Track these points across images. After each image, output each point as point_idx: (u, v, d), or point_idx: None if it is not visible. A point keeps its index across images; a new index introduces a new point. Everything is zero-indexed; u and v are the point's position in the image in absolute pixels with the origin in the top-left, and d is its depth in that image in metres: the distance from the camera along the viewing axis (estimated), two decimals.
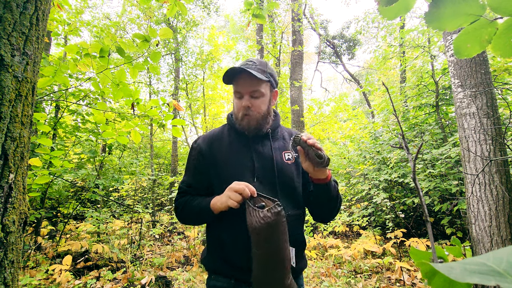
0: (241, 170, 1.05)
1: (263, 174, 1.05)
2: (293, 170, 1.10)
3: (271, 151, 1.09)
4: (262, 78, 1.01)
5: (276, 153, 1.10)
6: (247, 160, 1.07)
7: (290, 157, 1.12)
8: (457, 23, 0.40)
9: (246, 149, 1.09)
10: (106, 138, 2.98)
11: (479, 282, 0.18)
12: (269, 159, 1.07)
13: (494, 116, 2.29)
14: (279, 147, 1.13)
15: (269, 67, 1.09)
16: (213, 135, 1.16)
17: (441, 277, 0.28)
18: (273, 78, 1.10)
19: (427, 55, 5.03)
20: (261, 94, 1.07)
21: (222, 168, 1.07)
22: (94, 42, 1.75)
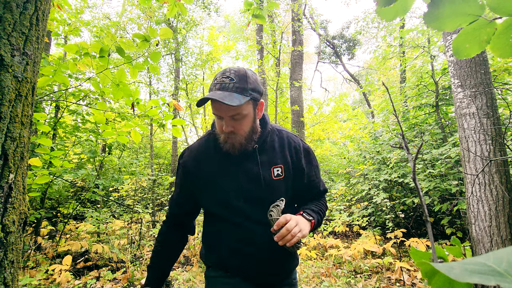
0: (228, 192, 1.02)
1: (250, 195, 1.02)
2: (282, 187, 1.06)
3: (258, 169, 1.03)
4: (241, 103, 0.89)
5: (264, 170, 1.03)
6: (234, 180, 1.02)
7: (280, 172, 1.05)
8: (456, 23, 0.40)
9: (233, 167, 1.03)
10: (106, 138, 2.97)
11: (479, 282, 0.18)
12: (256, 178, 1.02)
13: (494, 116, 2.29)
14: (268, 161, 1.05)
15: (250, 80, 0.95)
16: (200, 150, 1.09)
17: (441, 277, 0.28)
18: (257, 91, 0.97)
19: (427, 55, 5.03)
20: (243, 116, 0.96)
21: (209, 190, 1.04)
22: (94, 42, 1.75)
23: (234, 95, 0.90)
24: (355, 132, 7.20)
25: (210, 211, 1.11)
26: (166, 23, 9.12)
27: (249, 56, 10.04)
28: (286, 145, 1.10)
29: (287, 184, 1.07)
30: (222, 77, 0.93)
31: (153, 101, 2.18)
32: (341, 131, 9.67)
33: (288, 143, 1.11)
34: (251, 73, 0.97)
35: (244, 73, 0.94)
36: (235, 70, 0.94)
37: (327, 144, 11.78)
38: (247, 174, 1.03)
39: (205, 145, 1.10)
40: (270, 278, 1.07)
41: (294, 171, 1.09)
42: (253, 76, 0.97)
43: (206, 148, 1.09)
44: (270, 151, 1.07)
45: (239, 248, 1.03)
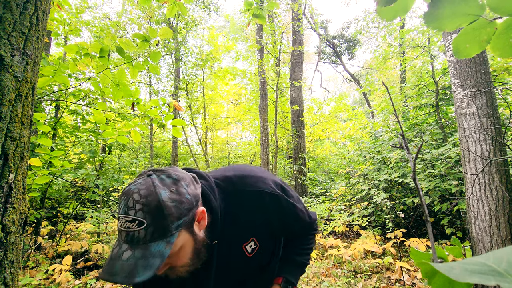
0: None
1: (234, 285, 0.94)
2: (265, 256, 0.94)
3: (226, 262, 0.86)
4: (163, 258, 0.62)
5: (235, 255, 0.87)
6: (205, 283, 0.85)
7: (254, 245, 0.88)
8: (456, 23, 0.40)
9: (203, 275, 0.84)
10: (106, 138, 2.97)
11: (479, 282, 0.18)
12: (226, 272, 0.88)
13: (494, 116, 2.29)
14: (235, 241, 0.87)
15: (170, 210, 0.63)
16: None
17: (441, 277, 0.28)
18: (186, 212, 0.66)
19: (427, 55, 5.03)
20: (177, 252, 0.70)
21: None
22: (94, 42, 1.75)
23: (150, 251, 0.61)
24: (355, 132, 7.20)
25: None
26: (166, 23, 9.12)
27: (249, 56, 10.05)
28: (249, 211, 0.86)
29: (267, 248, 0.93)
30: (126, 220, 0.61)
31: (153, 101, 2.18)
32: (341, 131, 9.68)
33: (250, 209, 0.85)
34: (167, 195, 0.64)
35: (157, 203, 0.62)
36: (142, 204, 0.61)
37: (327, 144, 11.79)
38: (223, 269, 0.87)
39: None
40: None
41: (270, 235, 0.92)
42: (172, 197, 0.64)
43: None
44: (232, 231, 0.85)
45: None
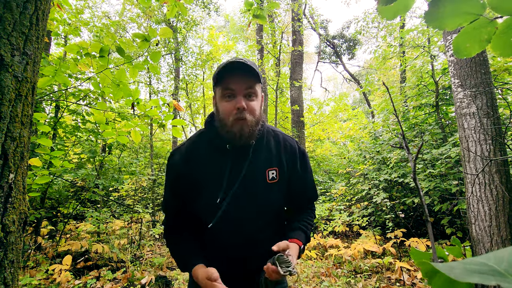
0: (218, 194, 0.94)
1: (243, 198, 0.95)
2: (276, 191, 0.99)
3: (252, 170, 0.96)
4: (259, 76, 0.90)
5: (258, 172, 0.97)
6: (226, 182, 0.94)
7: (275, 175, 0.99)
8: (456, 22, 0.40)
9: (226, 167, 0.95)
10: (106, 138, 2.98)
11: (479, 281, 0.18)
12: (249, 180, 0.95)
13: (494, 116, 2.29)
14: (263, 163, 0.98)
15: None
16: (190, 148, 1.01)
17: (442, 277, 0.28)
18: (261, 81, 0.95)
19: (427, 55, 5.03)
20: (256, 96, 0.92)
21: (198, 191, 0.97)
22: (94, 42, 1.75)
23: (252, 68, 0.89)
24: (355, 132, 7.20)
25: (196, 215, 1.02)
26: (166, 23, 9.12)
27: (249, 56, 10.05)
28: (282, 147, 1.04)
29: (281, 189, 1.01)
30: (234, 58, 0.90)
31: (153, 101, 2.18)
32: (341, 131, 9.67)
33: (284, 145, 1.05)
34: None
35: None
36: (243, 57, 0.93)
37: (327, 144, 11.79)
38: (241, 176, 0.95)
39: (196, 144, 1.02)
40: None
41: (289, 175, 1.03)
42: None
43: (197, 147, 1.01)
44: (265, 151, 1.01)
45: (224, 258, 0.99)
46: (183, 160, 0.99)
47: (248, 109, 0.90)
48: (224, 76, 0.90)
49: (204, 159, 0.98)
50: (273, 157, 1.00)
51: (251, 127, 0.91)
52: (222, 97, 0.92)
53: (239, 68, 0.88)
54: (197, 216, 1.01)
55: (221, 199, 0.93)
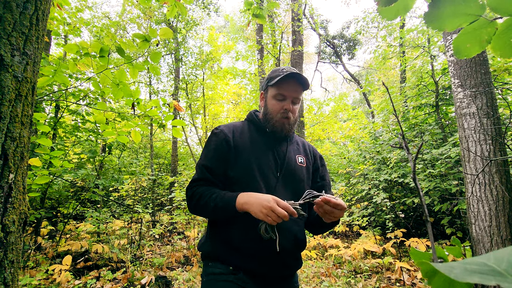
0: (265, 166, 1.08)
1: (277, 172, 1.10)
2: (304, 173, 1.16)
3: (289, 153, 1.16)
4: (308, 87, 1.12)
5: (290, 154, 1.16)
6: (270, 157, 1.11)
7: (302, 161, 1.19)
8: (456, 23, 0.40)
9: (267, 146, 1.13)
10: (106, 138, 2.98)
11: (479, 282, 0.18)
12: (286, 159, 1.13)
13: (494, 116, 2.29)
14: (293, 150, 1.19)
15: None
16: (235, 126, 1.18)
17: (441, 277, 0.28)
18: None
19: (427, 55, 5.03)
20: (299, 102, 1.15)
21: (245, 160, 1.07)
22: (94, 42, 1.75)
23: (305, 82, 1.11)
24: (355, 132, 7.20)
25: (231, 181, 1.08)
26: (166, 23, 9.12)
27: (249, 56, 10.04)
28: (306, 146, 1.27)
29: (308, 173, 1.18)
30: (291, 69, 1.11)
31: (154, 101, 2.18)
32: (341, 131, 9.67)
33: (308, 146, 1.28)
34: None
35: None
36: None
37: (327, 144, 11.78)
38: (279, 155, 1.13)
39: (240, 125, 1.20)
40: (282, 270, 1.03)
41: (312, 168, 1.22)
42: None
43: (241, 126, 1.18)
44: (294, 143, 1.23)
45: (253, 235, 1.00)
46: (229, 130, 1.14)
47: (292, 111, 1.12)
48: (283, 81, 1.10)
49: (248, 136, 1.14)
50: (300, 149, 1.23)
51: (291, 125, 1.14)
52: (274, 97, 1.12)
53: (294, 77, 1.09)
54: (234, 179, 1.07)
55: (277, 175, 1.09)
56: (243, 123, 1.21)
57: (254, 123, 1.19)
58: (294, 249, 1.07)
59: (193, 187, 1.08)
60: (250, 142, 1.12)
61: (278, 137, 1.16)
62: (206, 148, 1.14)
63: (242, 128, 1.18)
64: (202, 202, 1.02)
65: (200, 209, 1.04)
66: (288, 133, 1.15)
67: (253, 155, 1.09)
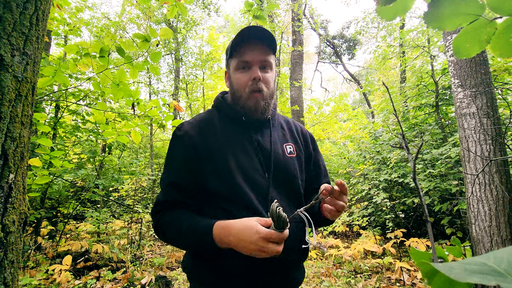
0: (250, 168, 0.85)
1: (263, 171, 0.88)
2: (296, 166, 0.94)
3: (274, 143, 0.92)
4: (275, 45, 0.88)
5: (276, 145, 0.93)
6: (253, 154, 0.88)
7: (292, 150, 0.96)
8: (456, 23, 0.40)
9: (246, 140, 0.89)
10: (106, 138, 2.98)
11: (479, 282, 0.18)
12: (273, 153, 0.90)
13: (494, 116, 2.29)
14: (279, 138, 0.96)
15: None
16: (201, 121, 0.93)
17: (441, 277, 0.28)
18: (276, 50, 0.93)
19: (427, 55, 5.03)
20: (271, 67, 0.90)
21: (224, 167, 0.84)
22: (94, 42, 1.75)
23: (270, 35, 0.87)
24: (355, 132, 7.20)
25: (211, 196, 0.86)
26: (166, 23, 9.12)
27: None
28: (293, 127, 1.04)
29: (300, 164, 0.96)
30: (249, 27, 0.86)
31: (153, 101, 2.18)
32: (341, 131, 9.67)
33: (294, 126, 1.05)
34: None
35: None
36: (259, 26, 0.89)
37: (327, 144, 11.78)
38: (262, 148, 0.89)
39: (207, 116, 0.95)
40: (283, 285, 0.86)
41: (304, 155, 0.99)
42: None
43: (210, 120, 0.93)
44: (279, 129, 0.99)
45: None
46: (196, 130, 0.90)
47: (263, 80, 0.87)
48: (240, 46, 0.87)
49: (220, 131, 0.90)
50: (287, 134, 0.99)
51: (266, 100, 0.88)
52: (236, 69, 0.89)
53: (254, 36, 0.86)
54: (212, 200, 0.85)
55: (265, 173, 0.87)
56: (211, 113, 0.95)
57: (224, 111, 0.94)
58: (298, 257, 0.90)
59: (158, 212, 0.86)
60: (225, 139, 0.88)
61: (256, 123, 0.91)
62: (169, 157, 0.90)
63: (210, 121, 0.92)
64: (170, 235, 0.82)
65: (171, 243, 0.85)
66: (265, 111, 0.89)
67: (233, 157, 0.85)
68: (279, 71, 9.23)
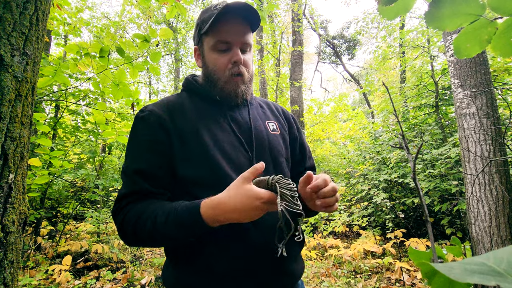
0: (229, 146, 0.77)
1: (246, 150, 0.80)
2: (282, 144, 0.87)
3: (254, 120, 0.85)
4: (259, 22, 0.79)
5: (257, 122, 0.85)
6: (231, 131, 0.80)
7: (275, 128, 0.88)
8: (457, 23, 0.40)
9: (223, 119, 0.81)
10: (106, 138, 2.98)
11: (479, 282, 0.18)
12: (253, 129, 0.82)
13: (494, 116, 2.29)
14: (259, 116, 0.88)
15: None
16: (169, 100, 0.83)
17: (441, 277, 0.28)
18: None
19: (426, 55, 5.03)
20: (250, 48, 0.82)
21: (200, 147, 0.74)
22: (94, 42, 1.75)
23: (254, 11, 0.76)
24: (355, 132, 7.20)
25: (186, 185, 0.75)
26: (166, 23, 9.13)
27: None
28: (273, 107, 0.97)
29: (285, 142, 0.89)
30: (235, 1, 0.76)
31: (153, 101, 2.18)
32: (341, 131, 9.67)
33: (274, 106, 0.98)
34: None
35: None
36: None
37: (327, 144, 11.78)
38: (240, 126, 0.82)
39: (176, 99, 0.84)
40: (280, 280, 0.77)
41: (288, 136, 0.93)
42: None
43: (178, 101, 0.83)
44: (258, 107, 0.92)
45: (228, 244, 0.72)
46: (163, 109, 0.79)
47: (244, 63, 0.80)
48: (219, 22, 0.75)
49: (191, 110, 0.81)
50: (267, 112, 0.93)
51: (246, 84, 0.82)
52: (213, 49, 0.79)
53: (236, 12, 0.75)
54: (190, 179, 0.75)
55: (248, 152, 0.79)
56: (181, 96, 0.85)
57: (196, 92, 0.85)
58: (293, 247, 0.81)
59: (121, 209, 0.71)
60: (198, 118, 0.78)
61: (233, 103, 0.84)
62: (131, 143, 0.77)
63: (180, 102, 0.82)
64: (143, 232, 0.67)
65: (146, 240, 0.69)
66: (245, 95, 0.83)
67: (209, 136, 0.76)
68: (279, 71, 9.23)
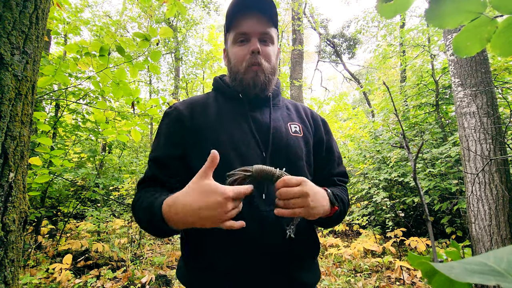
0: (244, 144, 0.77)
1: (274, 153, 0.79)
2: (302, 147, 0.83)
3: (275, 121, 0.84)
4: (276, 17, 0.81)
5: (278, 123, 0.83)
6: (248, 130, 0.80)
7: (298, 130, 0.85)
8: (457, 21, 0.40)
9: (242, 117, 0.82)
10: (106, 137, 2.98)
11: (479, 281, 0.18)
12: (272, 130, 0.81)
13: (494, 115, 2.29)
14: (282, 117, 0.86)
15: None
16: (194, 100, 0.87)
17: (441, 276, 0.28)
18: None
19: (427, 54, 5.02)
20: (272, 41, 0.82)
21: (213, 142, 0.76)
22: (94, 41, 1.75)
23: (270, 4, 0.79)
24: (355, 131, 7.20)
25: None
26: (166, 22, 9.11)
27: None
28: (301, 109, 0.94)
29: (307, 145, 0.85)
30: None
31: (153, 100, 2.18)
32: (341, 130, 9.66)
33: (303, 108, 0.95)
34: None
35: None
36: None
37: None
38: (260, 125, 0.81)
39: (203, 97, 0.89)
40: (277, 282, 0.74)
41: (313, 139, 0.89)
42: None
43: (204, 99, 0.87)
44: (283, 108, 0.90)
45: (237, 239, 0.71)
46: (186, 106, 0.84)
47: (263, 54, 0.79)
48: (236, 17, 0.80)
49: (212, 108, 0.84)
50: (293, 115, 0.90)
51: (266, 75, 0.80)
52: (234, 43, 0.82)
53: (254, 5, 0.78)
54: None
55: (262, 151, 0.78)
56: (208, 95, 0.90)
57: (222, 90, 0.88)
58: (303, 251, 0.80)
59: (136, 194, 0.78)
60: (217, 116, 0.81)
61: (254, 100, 0.84)
62: (156, 134, 0.84)
63: (205, 101, 0.86)
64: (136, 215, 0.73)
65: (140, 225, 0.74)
66: (265, 86, 0.81)
67: (224, 133, 0.77)
68: (280, 70, 9.23)
